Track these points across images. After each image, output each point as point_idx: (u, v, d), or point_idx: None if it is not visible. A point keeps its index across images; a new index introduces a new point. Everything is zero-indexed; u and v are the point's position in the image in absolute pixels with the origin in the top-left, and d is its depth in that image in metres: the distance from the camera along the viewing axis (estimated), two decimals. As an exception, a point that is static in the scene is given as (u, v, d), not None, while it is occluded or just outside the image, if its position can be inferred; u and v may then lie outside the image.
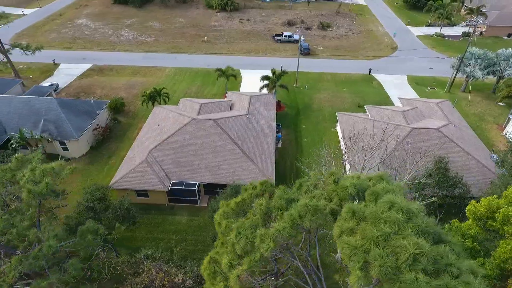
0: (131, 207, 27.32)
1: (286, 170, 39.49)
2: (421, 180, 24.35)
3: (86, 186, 28.11)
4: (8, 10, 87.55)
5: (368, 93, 54.49)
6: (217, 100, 44.75)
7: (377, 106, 43.77)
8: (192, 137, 36.14)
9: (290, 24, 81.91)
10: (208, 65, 63.48)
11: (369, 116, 42.09)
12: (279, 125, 45.47)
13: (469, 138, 38.91)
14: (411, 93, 54.92)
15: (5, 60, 49.94)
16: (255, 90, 49.66)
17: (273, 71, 48.77)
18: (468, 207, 15.92)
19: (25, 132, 38.38)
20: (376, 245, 9.19)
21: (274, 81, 47.96)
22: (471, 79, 53.48)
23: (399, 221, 9.68)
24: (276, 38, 73.38)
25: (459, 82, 57.28)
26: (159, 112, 42.69)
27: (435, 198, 21.82)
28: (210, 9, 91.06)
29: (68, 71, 61.35)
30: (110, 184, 34.05)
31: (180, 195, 34.30)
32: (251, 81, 56.28)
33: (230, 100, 45.11)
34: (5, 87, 44.80)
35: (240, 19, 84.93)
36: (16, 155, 21.66)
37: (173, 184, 33.86)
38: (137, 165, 34.33)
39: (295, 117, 48.87)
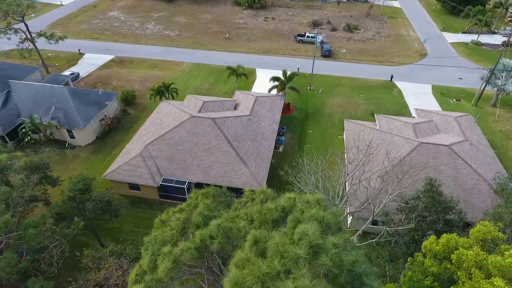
0: (112, 200, 27.52)
1: (283, 176, 38.20)
2: (401, 204, 22.35)
3: (73, 176, 28.72)
4: (48, 0, 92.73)
5: (385, 101, 51.64)
6: (222, 98, 44.31)
7: (388, 116, 41.21)
8: (189, 134, 35.97)
9: (315, 24, 79.68)
10: (225, 62, 63.17)
11: (378, 126, 39.75)
12: (284, 128, 44.25)
13: (485, 158, 35.56)
14: (433, 104, 51.37)
15: (30, 47, 52.55)
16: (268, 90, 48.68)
17: (284, 72, 47.51)
18: (425, 243, 14.10)
19: (35, 118, 40.13)
20: (261, 284, 8.16)
21: (283, 82, 46.71)
22: (502, 93, 49.03)
23: (298, 258, 8.57)
24: (298, 38, 71.64)
25: (490, 95, 52.80)
26: (164, 107, 42.99)
27: (412, 225, 19.80)
28: (237, 6, 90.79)
29: (91, 61, 63.66)
30: (103, 175, 34.79)
31: (170, 192, 34.31)
32: (265, 80, 55.20)
33: (236, 100, 44.49)
34: (26, 73, 47.16)
35: (265, 17, 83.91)
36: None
37: (164, 180, 33.91)
38: (131, 158, 34.73)
39: (303, 121, 47.34)
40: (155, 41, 72.16)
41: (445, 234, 13.76)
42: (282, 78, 46.85)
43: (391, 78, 57.80)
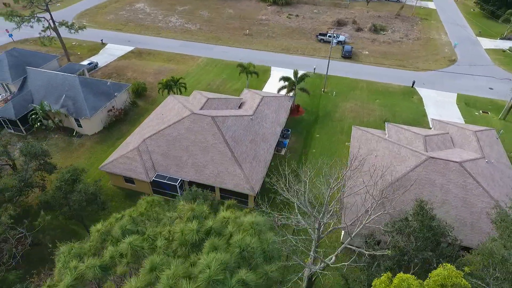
0: (98, 192, 27.56)
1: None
2: (388, 224, 20.41)
3: (64, 167, 29.06)
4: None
5: (402, 109, 48.64)
6: (228, 96, 43.47)
7: (399, 125, 38.56)
8: (187, 131, 35.51)
9: (340, 23, 76.78)
10: (241, 59, 62.29)
11: (386, 135, 37.34)
12: (288, 131, 42.79)
13: (503, 179, 32.36)
14: (455, 115, 47.77)
15: (51, 35, 54.26)
16: (278, 90, 47.34)
17: (295, 73, 45.86)
18: (375, 281, 12.45)
19: (45, 105, 41.29)
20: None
21: (293, 83, 45.11)
22: (534, 107, 44.65)
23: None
24: (320, 37, 69.29)
25: (521, 109, 48.31)
26: (170, 101, 42.84)
27: (389, 251, 17.91)
28: (262, 2, 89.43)
29: (112, 52, 65.00)
30: (100, 166, 35.16)
31: (162, 188, 34.08)
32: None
33: (241, 98, 43.53)
34: (43, 61, 48.74)
35: (289, 14, 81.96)
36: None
37: (157, 176, 33.72)
38: (128, 152, 34.81)
39: (311, 124, 45.58)
40: (176, 35, 72.53)
41: (401, 273, 12.11)
42: (293, 78, 45.21)
43: (413, 84, 54.41)
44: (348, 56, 62.98)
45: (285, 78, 45.46)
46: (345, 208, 26.01)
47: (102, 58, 62.35)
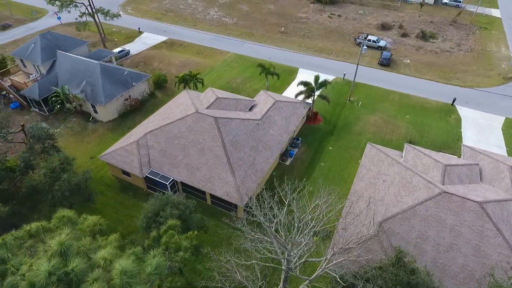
0: (82, 184, 27.60)
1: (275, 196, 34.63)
2: (359, 270, 17.51)
3: (55, 154, 29.50)
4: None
5: (434, 129, 43.49)
6: (239, 97, 41.80)
7: (418, 148, 34.12)
8: (187, 130, 34.64)
9: (384, 27, 71.08)
10: (269, 57, 60.27)
11: (403, 158, 33.31)
12: (298, 140, 40.18)
13: (534, 230, 27.19)
14: (497, 143, 41.67)
15: (85, 21, 56.36)
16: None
17: (316, 78, 42.87)
18: None
19: (66, 89, 42.86)
20: None
21: (312, 89, 42.21)
22: None
23: None
24: (358, 40, 64.64)
25: None
26: (182, 96, 42.32)
27: None
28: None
29: (146, 40, 66.28)
30: (100, 155, 35.61)
31: (155, 185, 33.64)
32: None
33: (254, 100, 41.69)
34: (74, 46, 50.72)
35: (331, 14, 77.66)
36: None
37: (151, 172, 33.32)
38: (128, 144, 34.84)
39: (326, 135, 42.46)
40: (211, 27, 72.10)
41: None
42: (313, 84, 42.30)
43: (453, 101, 48.47)
44: (385, 63, 57.96)
45: (304, 83, 42.69)
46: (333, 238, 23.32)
47: (135, 46, 63.81)
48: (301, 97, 43.03)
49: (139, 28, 69.87)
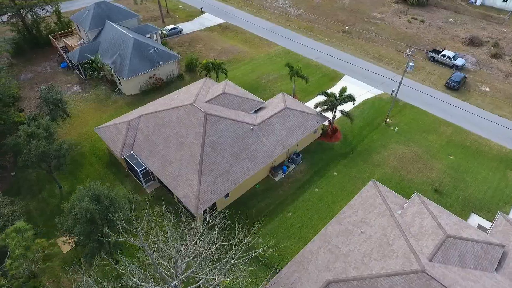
0: (50, 152, 28.26)
1: (247, 211, 31.32)
2: None
3: (44, 120, 30.67)
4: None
5: (478, 182, 34.20)
6: (250, 96, 38.39)
7: (431, 203, 26.67)
8: (177, 120, 33.27)
9: (473, 42, 58.42)
10: (317, 58, 54.93)
11: (401, 210, 26.58)
12: (299, 155, 35.53)
13: None
14: None
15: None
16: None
17: (342, 90, 37.11)
18: None
19: (99, 58, 45.12)
20: None
21: (333, 102, 36.68)
22: None
23: None
24: (430, 54, 54.40)
25: None
26: (196, 84, 41.05)
27: None
28: (390, -3, 75.55)
29: (203, 21, 66.39)
30: (96, 127, 36.62)
31: (132, 169, 33.33)
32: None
33: (263, 102, 38.05)
34: (124, 17, 52.94)
35: (412, 18, 66.92)
36: None
37: (130, 156, 32.99)
38: (120, 123, 35.05)
39: (337, 157, 36.79)
40: (271, 17, 68.72)
41: None
42: (332, 97, 36.72)
43: (525, 151, 37.45)
44: (453, 87, 47.62)
45: (326, 94, 37.33)
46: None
47: (190, 26, 64.40)
48: (320, 109, 37.81)
49: (201, 8, 70.30)
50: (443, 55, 52.91)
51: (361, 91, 46.76)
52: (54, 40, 52.38)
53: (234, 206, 31.44)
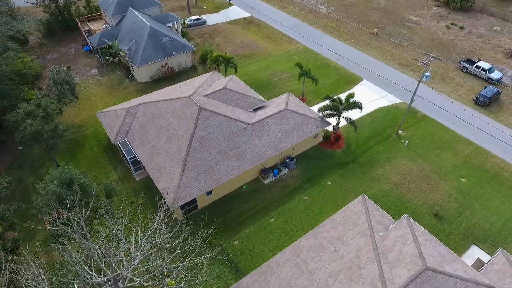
0: (45, 133, 29.09)
1: (226, 211, 30.56)
2: None
3: (48, 100, 31.75)
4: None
5: (489, 210, 30.74)
6: (252, 93, 37.28)
7: (420, 228, 24.17)
8: (172, 112, 33.14)
9: (517, 54, 52.71)
10: (338, 59, 52.47)
11: (384, 232, 24.42)
12: (293, 160, 34.04)
13: None
14: None
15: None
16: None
17: (349, 96, 34.93)
18: None
19: (116, 44, 46.19)
20: None
21: (337, 108, 34.65)
22: None
23: None
24: (463, 64, 49.82)
25: None
26: (201, 77, 40.74)
27: None
28: (429, 0, 70.23)
29: (229, 14, 65.88)
30: (97, 112, 37.48)
31: (124, 156, 33.76)
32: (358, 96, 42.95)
33: (265, 101, 36.85)
34: (147, 5, 53.56)
35: (452, 23, 61.68)
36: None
37: (123, 143, 33.40)
38: (120, 109, 35.58)
39: (334, 166, 34.79)
40: (299, 13, 66.63)
41: None
42: (337, 102, 34.65)
43: (553, 183, 33.06)
44: (482, 102, 43.24)
45: (330, 98, 35.34)
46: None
47: (215, 17, 64.16)
48: (323, 113, 35.90)
49: (229, 0, 69.74)
50: (478, 67, 48.21)
51: (377, 98, 43.96)
52: (80, 24, 54.42)
53: (217, 205, 30.88)
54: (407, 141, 37.67)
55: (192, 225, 22.65)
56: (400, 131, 39.11)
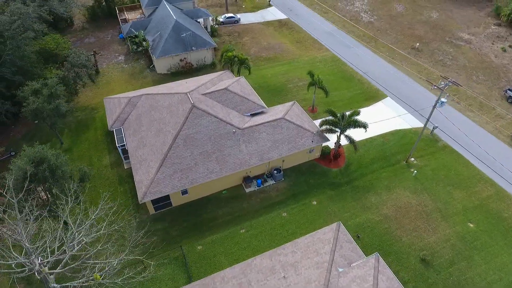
0: (46, 112, 30.87)
1: (200, 214, 29.86)
2: None
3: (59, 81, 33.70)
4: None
5: (493, 265, 26.39)
6: (254, 98, 36.03)
7: (389, 273, 21.27)
8: (167, 107, 33.34)
9: None
10: (366, 72, 49.11)
11: (347, 268, 21.93)
12: (280, 172, 32.31)
13: None
14: None
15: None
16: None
17: (353, 113, 32.30)
18: None
19: (141, 34, 47.82)
20: None
21: (335, 123, 32.20)
22: None
23: None
24: (509, 94, 43.67)
25: None
26: (212, 75, 40.50)
27: None
28: (491, 18, 62.74)
29: (266, 14, 65.00)
30: (105, 97, 38.93)
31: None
32: (376, 115, 40.12)
33: (266, 109, 35.50)
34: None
35: (510, 46, 54.45)
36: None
37: (118, 130, 34.28)
38: (124, 97, 36.61)
39: (325, 186, 32.38)
40: (338, 20, 63.55)
41: None
42: (338, 118, 32.14)
43: None
44: (521, 139, 37.46)
45: (332, 113, 32.94)
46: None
47: (251, 17, 63.70)
48: (321, 128, 33.62)
49: (269, 1, 68.80)
50: (526, 98, 41.94)
51: (396, 118, 40.27)
52: (118, 12, 57.29)
53: (192, 205, 30.41)
54: (415, 171, 33.86)
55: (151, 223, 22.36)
56: (411, 159, 35.33)
